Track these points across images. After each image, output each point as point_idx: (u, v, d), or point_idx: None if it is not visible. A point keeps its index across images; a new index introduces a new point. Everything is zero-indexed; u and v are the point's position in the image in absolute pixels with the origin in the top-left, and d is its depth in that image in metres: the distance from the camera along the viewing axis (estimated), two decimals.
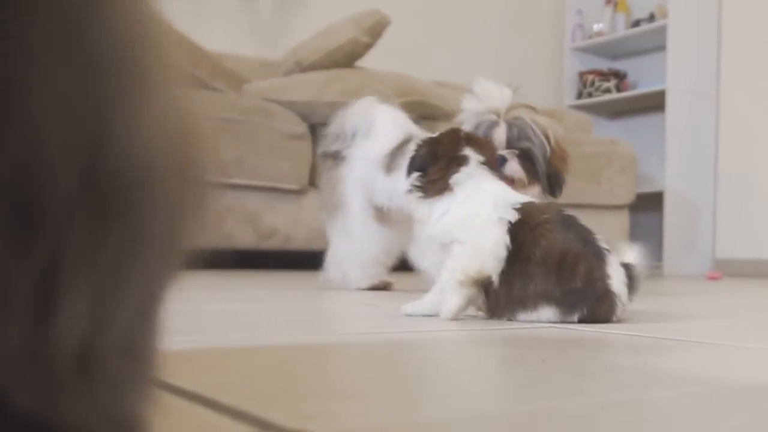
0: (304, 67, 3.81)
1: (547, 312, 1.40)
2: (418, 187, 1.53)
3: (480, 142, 1.58)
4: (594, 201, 4.30)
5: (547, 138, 2.11)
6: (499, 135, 2.08)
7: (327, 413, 0.61)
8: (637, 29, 5.62)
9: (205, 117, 0.46)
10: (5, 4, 0.32)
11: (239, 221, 3.44)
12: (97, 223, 0.35)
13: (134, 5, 0.39)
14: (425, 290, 1.54)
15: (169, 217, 0.40)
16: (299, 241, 3.59)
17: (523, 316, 1.42)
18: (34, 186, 0.33)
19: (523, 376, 0.84)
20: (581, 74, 5.94)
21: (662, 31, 5.30)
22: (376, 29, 3.81)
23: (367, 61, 3.92)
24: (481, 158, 1.53)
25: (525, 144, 2.08)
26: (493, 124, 2.10)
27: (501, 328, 1.33)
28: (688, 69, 5.16)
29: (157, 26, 0.41)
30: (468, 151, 1.53)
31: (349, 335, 1.21)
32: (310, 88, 3.62)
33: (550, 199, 2.09)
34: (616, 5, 5.85)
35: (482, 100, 2.16)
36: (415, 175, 1.54)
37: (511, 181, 1.97)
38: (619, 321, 1.43)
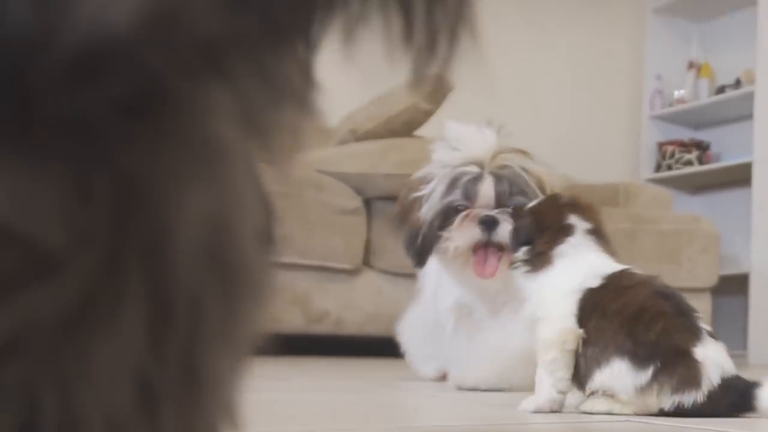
0: (359, 136, 3.83)
1: (620, 367, 1.36)
2: (525, 261, 1.53)
3: (583, 208, 1.57)
4: (673, 283, 4.18)
5: (544, 189, 1.91)
6: (486, 191, 1.90)
7: None
8: (721, 96, 5.60)
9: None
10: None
11: (287, 303, 3.44)
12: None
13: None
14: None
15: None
16: (352, 326, 3.58)
17: (598, 376, 1.39)
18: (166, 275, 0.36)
19: None
20: (660, 145, 5.92)
21: (749, 98, 5.27)
22: (438, 95, 3.82)
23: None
24: (588, 225, 1.54)
25: (519, 199, 1.87)
26: (476, 178, 1.92)
27: (572, 421, 1.31)
28: None
29: None
30: (573, 219, 1.53)
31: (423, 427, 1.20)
32: (365, 158, 3.63)
33: None
34: (699, 70, 5.84)
35: (459, 148, 1.98)
36: (523, 249, 1.54)
37: (501, 249, 1.84)
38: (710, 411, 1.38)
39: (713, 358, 1.35)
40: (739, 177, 5.43)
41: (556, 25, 5.84)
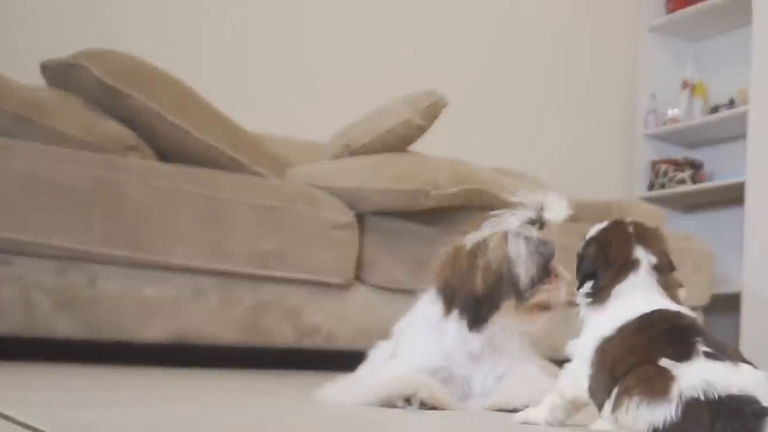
0: (352, 151, 3.82)
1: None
2: (588, 294, 1.51)
3: (651, 239, 1.55)
4: None
5: None
6: (555, 252, 2.02)
7: None
8: (715, 115, 5.62)
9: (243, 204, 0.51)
10: None
11: (278, 317, 3.43)
12: None
13: None
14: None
15: None
16: (343, 340, 3.58)
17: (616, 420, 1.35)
18: None
19: None
20: (654, 163, 5.93)
21: (743, 118, 5.29)
22: (432, 111, 3.82)
23: (421, 146, 3.94)
24: (654, 260, 1.50)
25: None
26: (547, 243, 2.02)
27: None
28: None
29: None
30: (639, 253, 1.50)
31: None
32: (358, 173, 3.63)
33: None
34: (693, 89, 5.86)
35: (545, 214, 2.06)
36: (588, 281, 1.52)
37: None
38: None
39: (698, 376, 1.26)
40: (732, 196, 5.44)
41: (552, 42, 5.85)
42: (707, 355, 1.30)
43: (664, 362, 1.29)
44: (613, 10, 6.15)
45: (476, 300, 1.96)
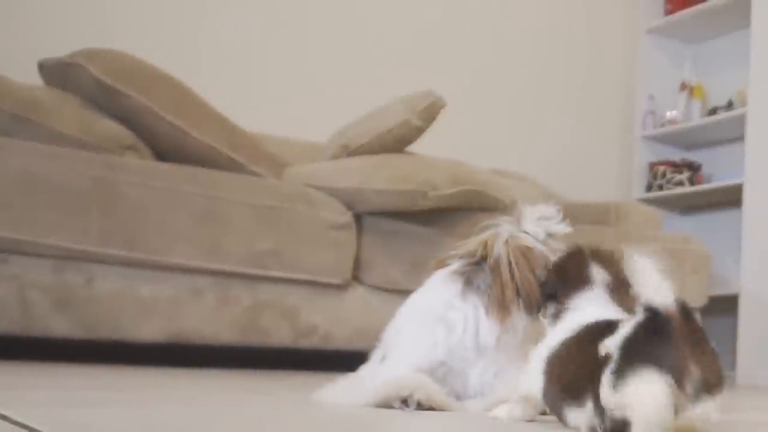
0: (350, 151, 3.82)
1: (570, 412, 1.42)
2: (550, 314, 1.61)
3: (606, 260, 1.61)
4: None
5: None
6: None
7: None
8: (713, 117, 5.62)
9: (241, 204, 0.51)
10: None
11: (275, 317, 3.43)
12: None
13: None
14: None
15: None
16: (340, 340, 3.58)
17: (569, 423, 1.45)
18: None
19: None
20: (652, 165, 5.93)
21: (741, 120, 5.29)
22: (430, 112, 3.82)
23: (419, 147, 3.94)
24: (608, 278, 1.58)
25: None
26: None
27: None
28: None
29: None
30: (594, 272, 1.59)
31: None
32: (356, 174, 3.62)
33: None
34: (691, 91, 5.86)
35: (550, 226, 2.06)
36: (550, 302, 1.62)
37: None
38: None
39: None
40: (730, 198, 5.44)
41: (550, 44, 5.85)
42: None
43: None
44: (611, 11, 6.15)
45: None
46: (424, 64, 5.26)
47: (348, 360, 2.32)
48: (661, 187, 5.81)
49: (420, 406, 1.77)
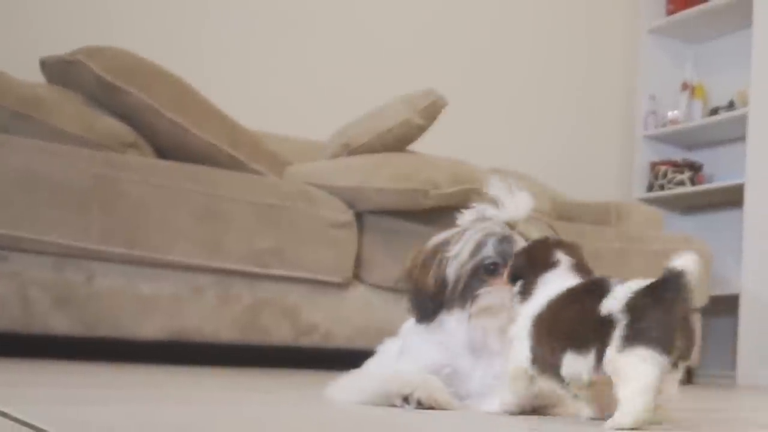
0: (351, 150, 3.82)
1: (569, 359, 1.54)
2: (519, 293, 1.71)
3: (569, 248, 1.74)
4: None
5: None
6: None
7: None
8: (714, 117, 5.61)
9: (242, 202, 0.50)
10: None
11: (276, 315, 3.43)
12: None
13: None
14: None
15: None
16: (341, 339, 3.58)
17: (564, 374, 1.57)
18: None
19: None
20: (653, 165, 5.92)
21: (742, 120, 5.28)
22: (431, 111, 3.82)
23: (420, 145, 3.94)
24: (572, 260, 1.70)
25: None
26: (508, 239, 1.92)
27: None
28: None
29: None
30: (560, 256, 1.70)
31: None
32: (357, 172, 3.62)
33: None
34: (692, 91, 5.86)
35: (500, 208, 1.97)
36: (519, 282, 1.72)
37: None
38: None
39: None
40: (731, 198, 5.44)
41: (552, 44, 5.85)
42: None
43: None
44: (612, 12, 6.15)
45: (425, 298, 1.95)
46: (426, 63, 5.25)
47: (349, 359, 2.32)
48: (662, 187, 5.80)
49: (420, 405, 1.77)
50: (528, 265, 1.73)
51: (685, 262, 1.48)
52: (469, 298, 1.89)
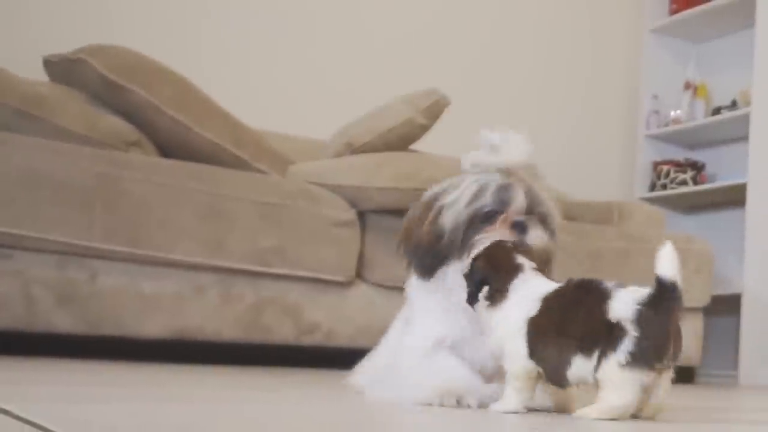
0: (354, 149, 3.82)
1: (578, 361, 1.58)
2: (486, 298, 1.72)
3: (527, 251, 1.78)
4: None
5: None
6: (519, 197, 1.89)
7: None
8: (717, 117, 5.60)
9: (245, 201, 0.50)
10: None
11: (278, 314, 3.43)
12: None
13: None
14: None
15: None
16: (343, 338, 3.58)
17: (569, 375, 1.60)
18: None
19: None
20: (655, 164, 5.92)
21: (745, 120, 5.28)
22: (434, 110, 3.82)
23: (423, 144, 3.94)
24: (533, 265, 1.73)
25: (541, 209, 1.92)
26: (507, 186, 1.91)
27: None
28: None
29: None
30: (521, 259, 1.73)
31: None
32: (359, 171, 3.62)
33: None
34: (695, 90, 5.85)
35: (499, 155, 2.00)
36: (484, 287, 1.73)
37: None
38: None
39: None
40: (734, 198, 5.43)
41: (554, 43, 5.85)
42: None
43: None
44: (615, 11, 6.14)
45: (423, 252, 1.90)
46: (428, 63, 5.25)
47: (351, 357, 2.32)
48: (664, 187, 5.79)
49: (465, 406, 1.77)
50: (491, 270, 1.73)
51: (670, 265, 1.53)
52: (467, 248, 1.84)
